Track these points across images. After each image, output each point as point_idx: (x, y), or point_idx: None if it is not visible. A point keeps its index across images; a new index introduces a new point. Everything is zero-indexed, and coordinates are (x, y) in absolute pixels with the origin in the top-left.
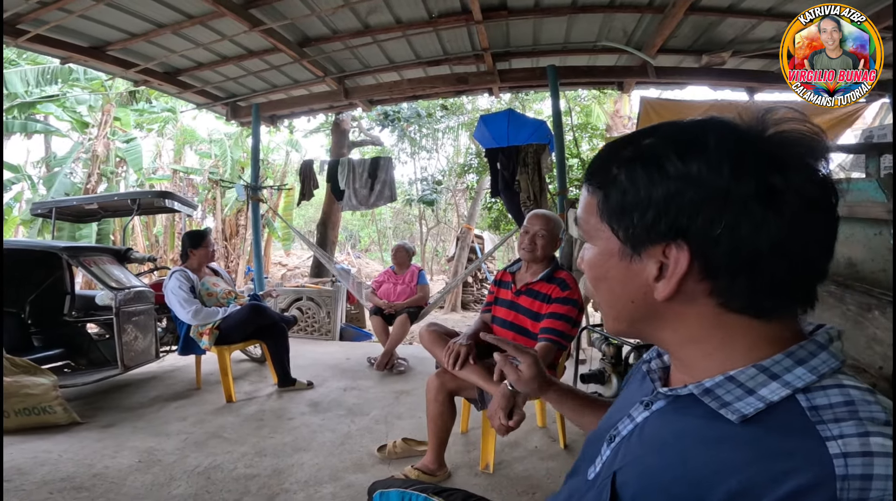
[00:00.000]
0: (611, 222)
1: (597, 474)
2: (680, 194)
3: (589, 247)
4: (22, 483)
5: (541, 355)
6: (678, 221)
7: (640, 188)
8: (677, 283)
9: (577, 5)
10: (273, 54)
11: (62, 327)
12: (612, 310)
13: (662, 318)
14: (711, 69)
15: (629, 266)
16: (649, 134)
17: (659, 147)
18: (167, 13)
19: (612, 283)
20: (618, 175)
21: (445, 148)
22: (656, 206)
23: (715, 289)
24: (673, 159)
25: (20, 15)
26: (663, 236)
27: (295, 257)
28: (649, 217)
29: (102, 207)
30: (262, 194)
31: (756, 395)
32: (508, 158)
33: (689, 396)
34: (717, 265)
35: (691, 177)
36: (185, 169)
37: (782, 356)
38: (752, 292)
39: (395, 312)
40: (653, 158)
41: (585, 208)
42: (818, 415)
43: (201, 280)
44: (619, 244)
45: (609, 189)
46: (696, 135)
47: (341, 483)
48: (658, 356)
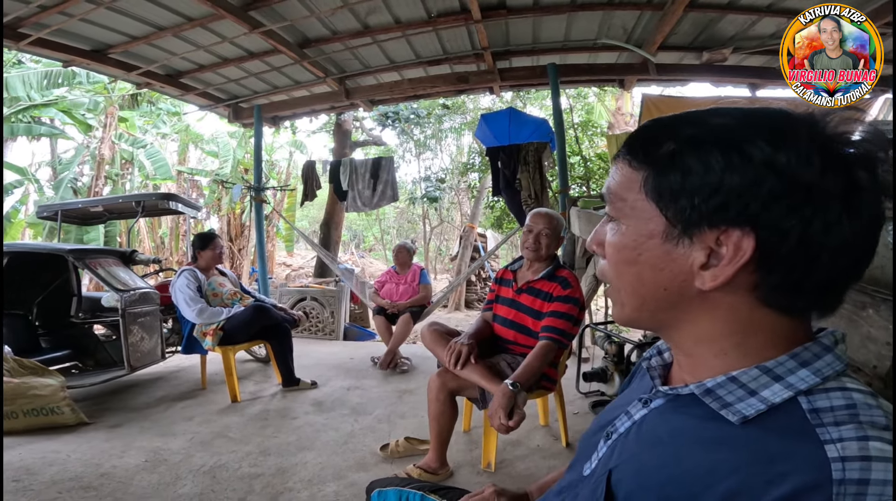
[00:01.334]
0: (660, 201)
1: (592, 470)
2: (761, 181)
3: (616, 227)
4: (31, 482)
5: (542, 353)
6: (751, 208)
7: (712, 170)
8: (734, 272)
9: (577, 3)
10: (273, 56)
11: (69, 328)
12: (635, 298)
13: (689, 309)
14: (713, 66)
15: (671, 250)
16: (720, 114)
17: (738, 129)
18: (167, 16)
19: (644, 268)
20: (680, 153)
21: (449, 147)
22: (729, 190)
23: (762, 282)
24: (760, 145)
25: (21, 19)
26: (727, 221)
27: (299, 257)
28: (717, 201)
29: (107, 209)
30: (265, 194)
31: (758, 396)
32: (509, 157)
33: (690, 395)
34: (778, 259)
35: (779, 165)
36: (189, 170)
37: (786, 358)
38: (799, 291)
39: (398, 311)
40: (733, 142)
41: (623, 184)
42: (818, 418)
43: (209, 280)
44: (664, 226)
45: (663, 166)
46: (787, 123)
47: (344, 481)
48: (658, 353)
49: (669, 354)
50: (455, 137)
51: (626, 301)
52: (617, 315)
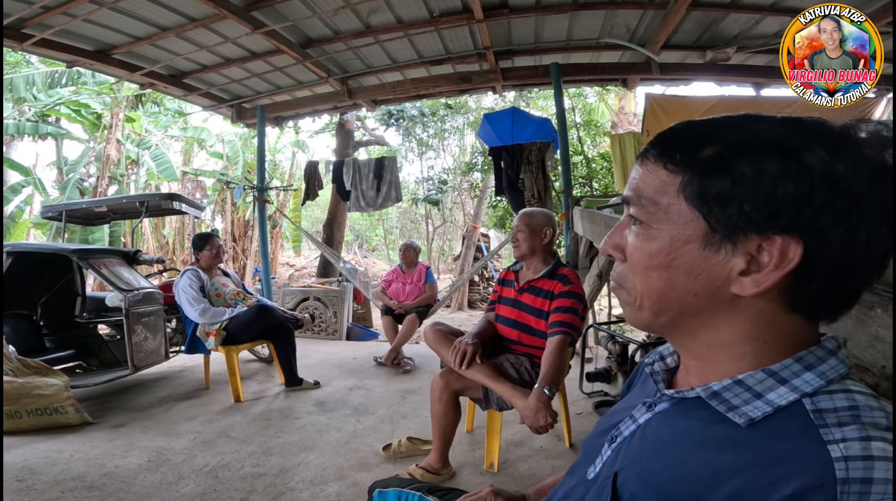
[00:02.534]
0: (703, 206)
1: (597, 473)
2: (817, 189)
3: (640, 231)
4: (34, 482)
5: (559, 348)
6: (803, 215)
7: (767, 177)
8: (779, 279)
9: (579, 2)
10: (276, 56)
11: (74, 328)
12: (660, 303)
13: (713, 316)
14: (716, 65)
15: (710, 256)
16: (759, 121)
17: (794, 138)
18: (170, 16)
19: (677, 273)
20: (729, 159)
21: (451, 147)
22: (783, 198)
23: (799, 289)
24: (819, 153)
25: (24, 19)
26: (776, 228)
27: (302, 257)
28: (769, 208)
29: (111, 209)
30: (268, 194)
31: (764, 399)
32: (512, 157)
33: (695, 399)
34: (822, 267)
35: (835, 174)
36: (193, 171)
37: (791, 361)
38: (832, 297)
39: (405, 311)
40: (790, 149)
41: (656, 187)
42: (822, 419)
43: (211, 281)
44: (704, 231)
45: (708, 171)
46: (839, 132)
47: (346, 481)
48: (661, 358)
49: (672, 359)
50: (458, 136)
51: (648, 306)
52: (632, 319)
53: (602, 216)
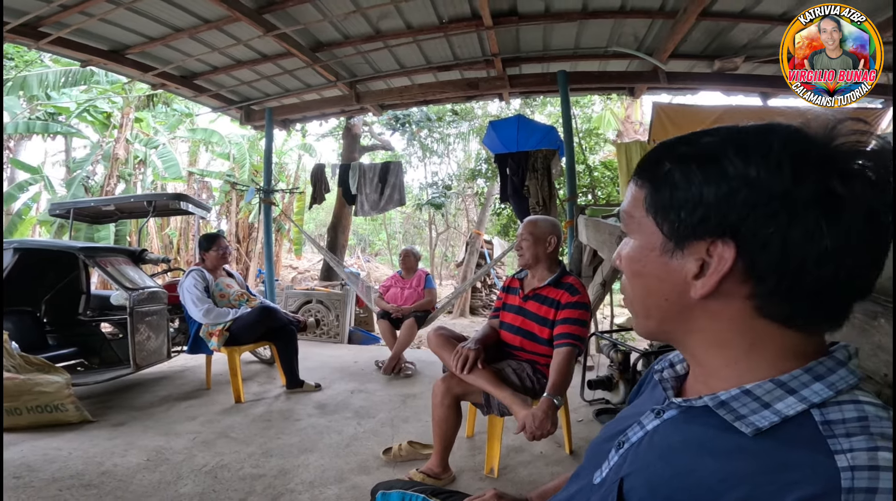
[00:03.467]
0: (656, 216)
1: (603, 479)
2: (735, 192)
3: (628, 242)
4: (31, 479)
5: (566, 360)
6: (728, 218)
7: (693, 185)
8: (718, 280)
9: (588, 10)
10: (286, 59)
11: (77, 326)
12: (644, 308)
13: (693, 318)
14: (724, 74)
15: (668, 262)
16: (711, 133)
17: (718, 146)
18: (185, 17)
19: (649, 279)
20: (670, 171)
21: (456, 153)
22: (708, 203)
23: (755, 292)
24: (732, 158)
25: (42, 18)
26: (711, 232)
27: (305, 260)
28: (699, 213)
29: (119, 208)
30: (274, 197)
31: (772, 409)
32: (518, 164)
33: (703, 407)
34: (763, 267)
35: (749, 177)
36: (200, 172)
37: (800, 372)
38: (791, 299)
39: (402, 316)
40: (710, 156)
41: (632, 201)
42: (830, 430)
43: (216, 281)
44: (661, 239)
45: (658, 184)
46: (760, 136)
47: (346, 484)
48: (671, 365)
49: (682, 366)
50: (463, 143)
51: (637, 311)
52: (634, 326)
53: (606, 225)
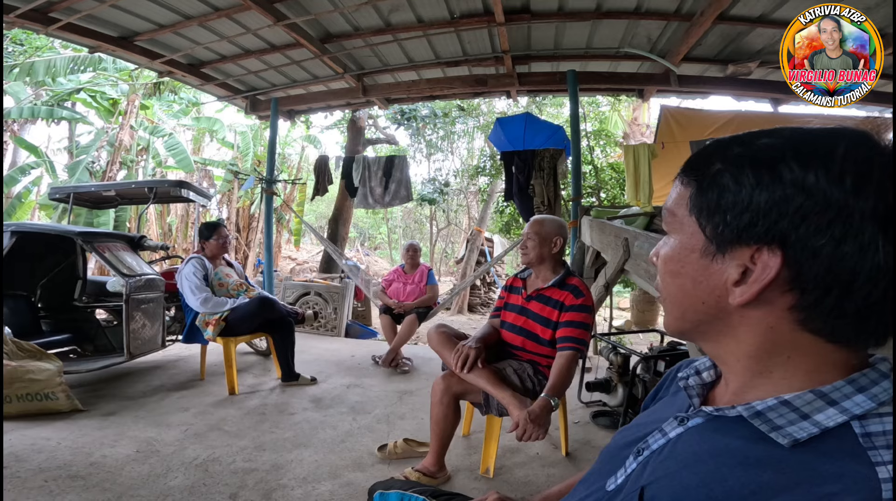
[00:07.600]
0: (700, 216)
1: (618, 486)
2: (789, 199)
3: (668, 240)
4: (18, 469)
5: (568, 364)
6: (779, 226)
7: (744, 188)
8: (760, 289)
9: (602, 10)
10: (294, 49)
11: (72, 312)
12: (679, 309)
13: (730, 325)
14: (736, 79)
15: (708, 266)
16: (769, 134)
17: (776, 149)
18: (195, 5)
19: (686, 280)
20: (720, 171)
21: (460, 150)
22: (757, 208)
23: (799, 304)
24: (790, 163)
25: (52, 3)
26: (757, 239)
27: (304, 251)
28: (746, 218)
29: (119, 194)
30: (276, 187)
31: (811, 420)
32: (524, 162)
33: (736, 417)
34: (810, 279)
35: (807, 184)
36: (202, 160)
37: (843, 383)
38: (837, 315)
39: (404, 312)
40: (767, 160)
41: (676, 199)
42: (871, 441)
43: (215, 270)
44: (703, 241)
45: (706, 184)
46: (825, 142)
47: (340, 480)
48: (696, 373)
49: (709, 374)
50: (467, 139)
51: (671, 311)
52: (665, 324)
53: (612, 227)
